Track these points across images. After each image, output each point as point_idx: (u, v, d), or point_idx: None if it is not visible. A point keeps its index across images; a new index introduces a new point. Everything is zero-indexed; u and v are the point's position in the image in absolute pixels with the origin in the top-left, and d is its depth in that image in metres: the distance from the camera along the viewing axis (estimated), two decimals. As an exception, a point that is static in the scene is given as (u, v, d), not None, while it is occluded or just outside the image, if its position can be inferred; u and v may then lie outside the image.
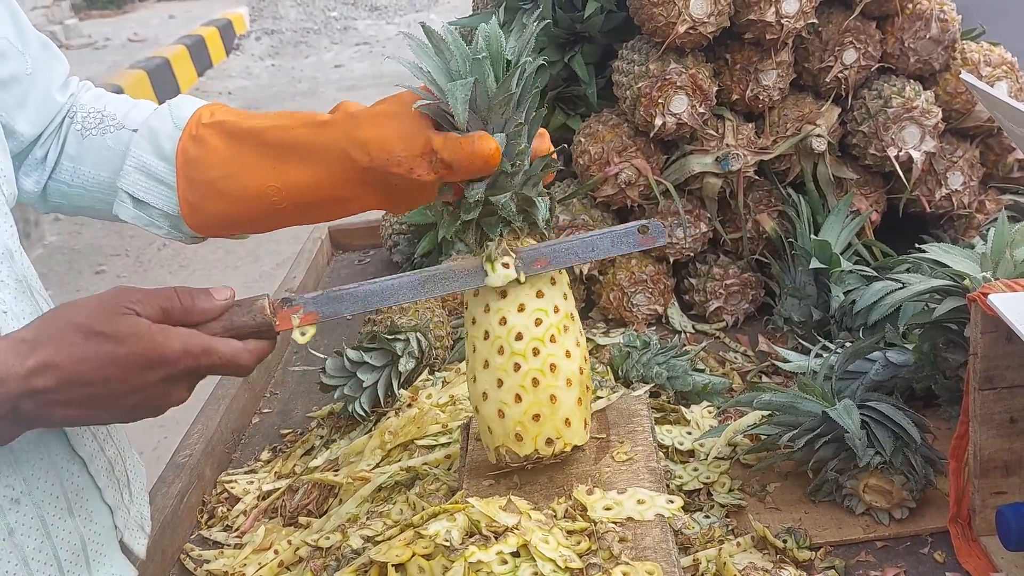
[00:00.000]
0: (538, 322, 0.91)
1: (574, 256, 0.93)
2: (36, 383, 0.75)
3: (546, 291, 0.92)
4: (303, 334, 0.89)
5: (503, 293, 0.91)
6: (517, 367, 0.90)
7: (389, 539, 0.87)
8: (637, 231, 0.94)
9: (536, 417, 0.90)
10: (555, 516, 0.86)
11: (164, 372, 0.80)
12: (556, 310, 0.92)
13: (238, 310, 0.86)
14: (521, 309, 0.91)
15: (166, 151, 1.00)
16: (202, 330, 0.84)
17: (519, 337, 0.90)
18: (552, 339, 0.91)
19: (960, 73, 1.54)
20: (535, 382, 0.90)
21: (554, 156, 0.95)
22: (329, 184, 0.94)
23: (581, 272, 1.57)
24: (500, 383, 0.90)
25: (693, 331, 1.58)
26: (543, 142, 0.96)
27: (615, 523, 0.86)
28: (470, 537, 0.83)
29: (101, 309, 0.80)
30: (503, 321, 0.91)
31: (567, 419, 0.91)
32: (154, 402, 0.82)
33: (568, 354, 0.92)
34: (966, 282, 1.06)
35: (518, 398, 0.90)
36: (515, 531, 0.81)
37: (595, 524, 0.86)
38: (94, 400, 0.79)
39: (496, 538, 0.81)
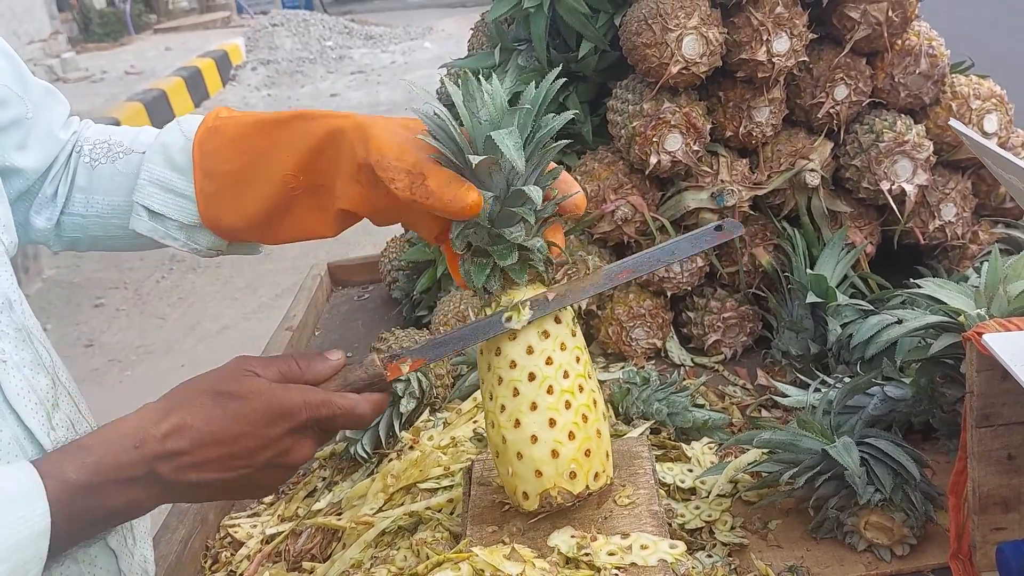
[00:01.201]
0: (578, 359, 0.95)
1: (656, 261, 1.00)
2: (171, 445, 0.81)
3: (576, 330, 0.96)
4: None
5: (546, 333, 0.94)
6: (568, 404, 0.92)
7: (394, 588, 0.87)
8: (714, 228, 0.99)
9: (587, 453, 0.93)
10: (559, 564, 0.87)
11: (288, 425, 0.85)
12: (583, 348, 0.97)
13: (350, 368, 0.93)
14: (563, 348, 0.94)
15: (179, 163, 1.02)
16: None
17: (566, 375, 0.93)
18: (589, 376, 0.95)
19: (950, 106, 1.57)
20: (584, 418, 0.93)
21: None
22: (335, 168, 0.96)
23: (580, 307, 1.59)
24: (552, 423, 0.92)
25: (692, 364, 1.59)
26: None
27: (619, 569, 0.87)
28: (475, 586, 0.84)
29: (225, 374, 0.87)
30: (549, 361, 0.93)
31: (607, 451, 0.96)
32: (283, 458, 0.87)
33: (599, 386, 0.98)
34: (961, 319, 1.08)
35: (571, 435, 0.92)
36: (519, 580, 0.82)
37: (599, 571, 0.86)
38: (228, 459, 0.84)
39: (501, 587, 0.82)
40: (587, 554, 0.88)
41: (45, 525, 0.74)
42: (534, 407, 0.92)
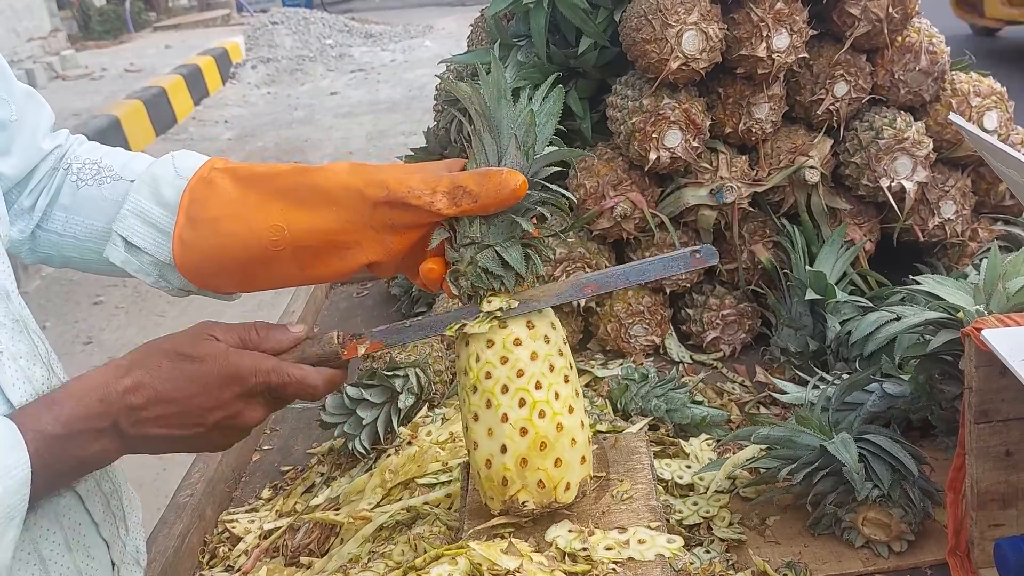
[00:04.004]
0: (552, 367, 0.94)
1: (624, 280, 0.98)
2: (131, 400, 0.85)
3: (551, 334, 0.96)
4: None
5: (518, 341, 0.93)
6: (542, 414, 0.91)
7: (391, 582, 0.87)
8: (689, 254, 0.97)
9: (557, 462, 0.92)
10: (556, 558, 0.87)
11: (239, 389, 0.89)
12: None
13: (309, 342, 0.95)
14: (534, 357, 0.94)
15: (166, 198, 1.01)
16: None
17: (538, 385, 0.92)
18: (567, 379, 0.95)
19: (951, 104, 1.57)
20: (559, 427, 0.93)
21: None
22: (335, 226, 0.95)
23: (579, 304, 1.58)
24: (524, 432, 0.91)
25: (691, 361, 1.59)
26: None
27: (616, 563, 0.87)
28: (472, 580, 0.83)
29: (185, 336, 0.90)
30: (521, 373, 0.92)
31: (584, 456, 0.95)
32: (234, 420, 0.90)
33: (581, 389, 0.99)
34: (960, 315, 1.07)
35: (543, 446, 0.91)
36: (517, 574, 0.81)
37: (596, 565, 0.86)
38: (181, 417, 0.87)
39: (498, 581, 0.82)
40: (585, 549, 0.88)
41: (27, 474, 0.78)
42: (505, 418, 0.91)
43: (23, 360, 0.91)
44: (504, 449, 0.91)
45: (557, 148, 1.03)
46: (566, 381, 0.94)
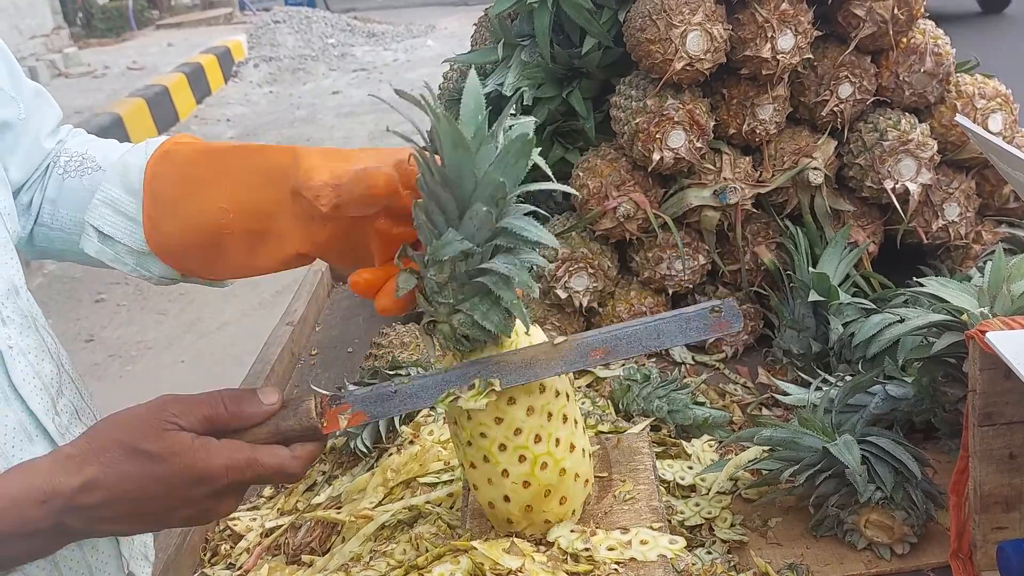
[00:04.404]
0: (550, 416, 0.89)
1: (639, 345, 0.86)
2: (82, 500, 0.77)
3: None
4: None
5: (512, 399, 0.87)
6: (544, 466, 0.89)
7: (393, 581, 0.87)
8: (709, 312, 0.85)
9: (563, 500, 0.92)
10: (558, 558, 0.87)
11: (208, 488, 0.81)
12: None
13: (284, 413, 0.85)
14: (531, 411, 0.88)
15: (135, 185, 0.98)
16: (246, 436, 0.84)
17: (538, 439, 0.88)
18: (566, 417, 0.91)
19: (955, 106, 1.56)
20: (562, 471, 0.90)
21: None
22: (269, 208, 0.91)
23: (580, 304, 1.58)
24: (527, 484, 0.89)
25: (693, 362, 1.59)
26: None
27: (618, 564, 0.86)
28: (474, 580, 0.83)
29: (144, 425, 0.80)
30: (518, 431, 0.87)
31: (587, 479, 0.94)
32: (204, 516, 0.83)
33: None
34: (964, 317, 1.07)
35: (547, 493, 0.90)
36: (519, 574, 0.81)
37: (598, 565, 0.86)
38: (141, 516, 0.81)
39: (500, 580, 0.82)
40: (587, 549, 0.88)
41: None
42: (506, 474, 0.88)
43: (32, 355, 0.91)
44: (507, 499, 0.88)
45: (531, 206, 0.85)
46: (565, 420, 0.89)
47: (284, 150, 0.92)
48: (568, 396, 0.91)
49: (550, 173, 0.83)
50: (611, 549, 0.88)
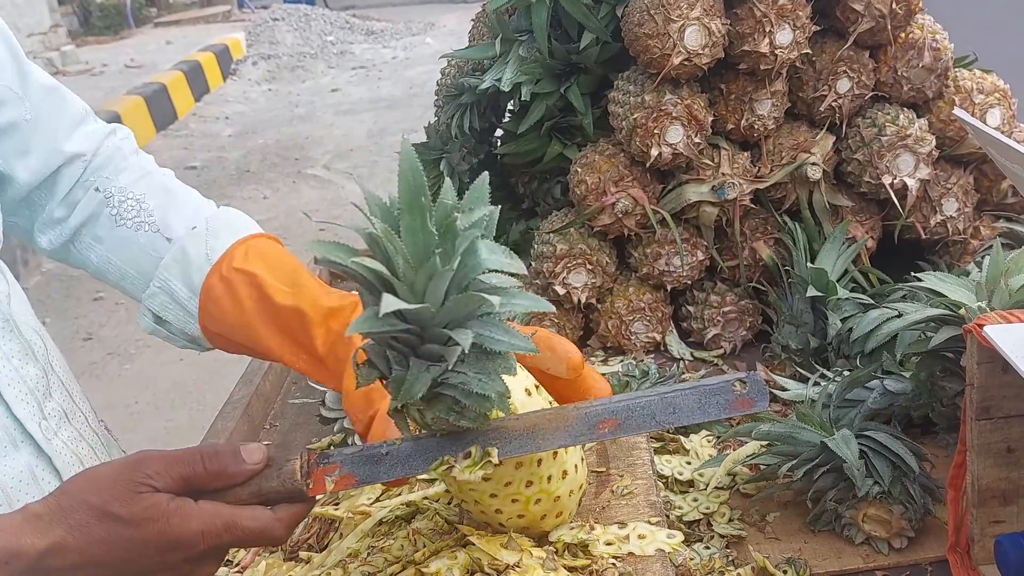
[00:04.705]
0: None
1: (652, 420, 0.78)
2: (49, 563, 0.73)
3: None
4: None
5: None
6: (565, 474, 0.87)
7: (391, 576, 0.87)
8: (732, 385, 0.77)
9: (559, 515, 0.90)
10: (556, 552, 0.86)
11: (184, 554, 0.76)
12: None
13: (268, 473, 0.79)
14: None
15: (194, 282, 1.00)
16: (227, 496, 0.78)
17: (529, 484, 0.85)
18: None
19: (953, 101, 1.56)
20: (556, 499, 0.88)
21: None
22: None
23: (579, 301, 1.58)
24: (558, 499, 0.87)
25: (692, 358, 1.59)
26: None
27: (616, 559, 0.86)
28: (472, 575, 0.83)
29: (117, 487, 0.75)
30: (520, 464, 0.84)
31: (582, 486, 0.93)
32: None
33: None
34: (962, 311, 1.07)
35: (546, 515, 0.89)
36: (516, 569, 0.81)
37: (596, 560, 0.86)
38: None
39: (498, 575, 0.82)
40: (585, 544, 0.88)
41: None
42: (499, 512, 0.85)
43: (15, 359, 0.91)
44: (502, 525, 0.86)
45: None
46: (555, 456, 0.84)
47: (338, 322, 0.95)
48: None
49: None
50: (609, 544, 0.88)
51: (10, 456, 0.91)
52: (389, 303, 0.66)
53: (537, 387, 0.85)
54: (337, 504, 1.21)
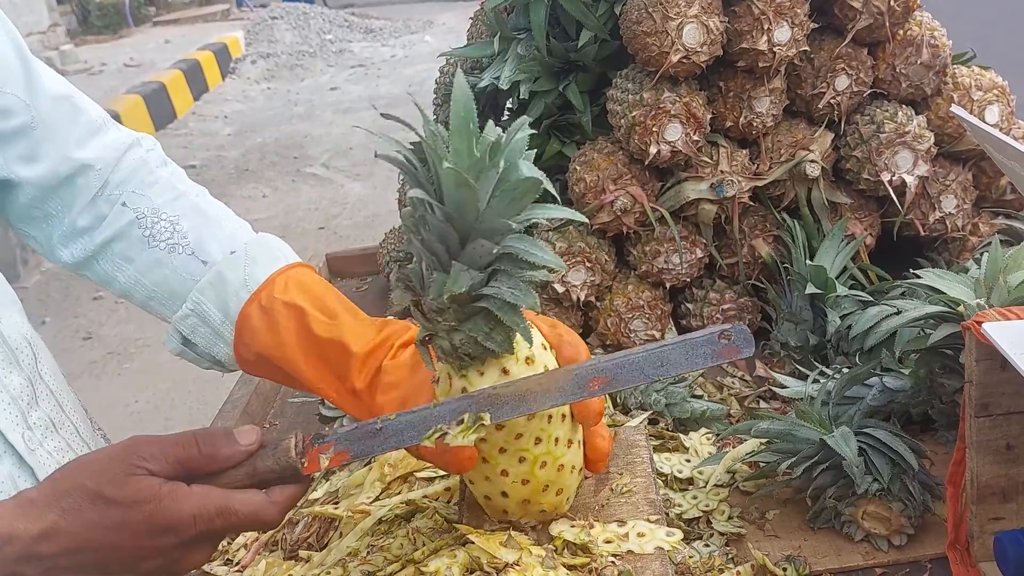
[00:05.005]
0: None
1: (640, 374, 0.81)
2: (42, 548, 0.72)
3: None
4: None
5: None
6: (569, 443, 0.90)
7: (390, 575, 0.87)
8: (718, 336, 0.81)
9: (581, 469, 0.93)
10: (556, 551, 0.87)
11: (175, 539, 0.76)
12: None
13: (262, 453, 0.80)
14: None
15: (230, 308, 1.00)
16: (222, 479, 0.79)
17: (564, 416, 0.88)
18: (550, 418, 0.89)
19: (952, 97, 1.56)
20: (560, 468, 0.91)
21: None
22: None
23: (578, 298, 1.58)
24: (561, 468, 0.89)
25: (691, 356, 1.59)
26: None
27: (615, 556, 0.86)
28: (471, 573, 0.83)
29: (111, 470, 0.75)
30: (519, 436, 0.86)
31: (580, 468, 0.94)
32: (173, 567, 0.78)
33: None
34: (961, 308, 1.07)
35: (545, 488, 0.90)
36: (516, 567, 0.81)
37: (595, 558, 0.86)
38: (104, 565, 0.75)
39: (497, 574, 0.82)
40: (587, 541, 0.88)
41: None
42: (505, 473, 0.87)
43: (6, 369, 0.91)
44: (505, 495, 0.88)
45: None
46: (564, 418, 0.87)
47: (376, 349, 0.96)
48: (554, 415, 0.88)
49: (557, 197, 0.80)
50: (608, 542, 0.88)
51: None
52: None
53: (547, 347, 0.87)
54: (337, 503, 1.21)
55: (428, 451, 0.84)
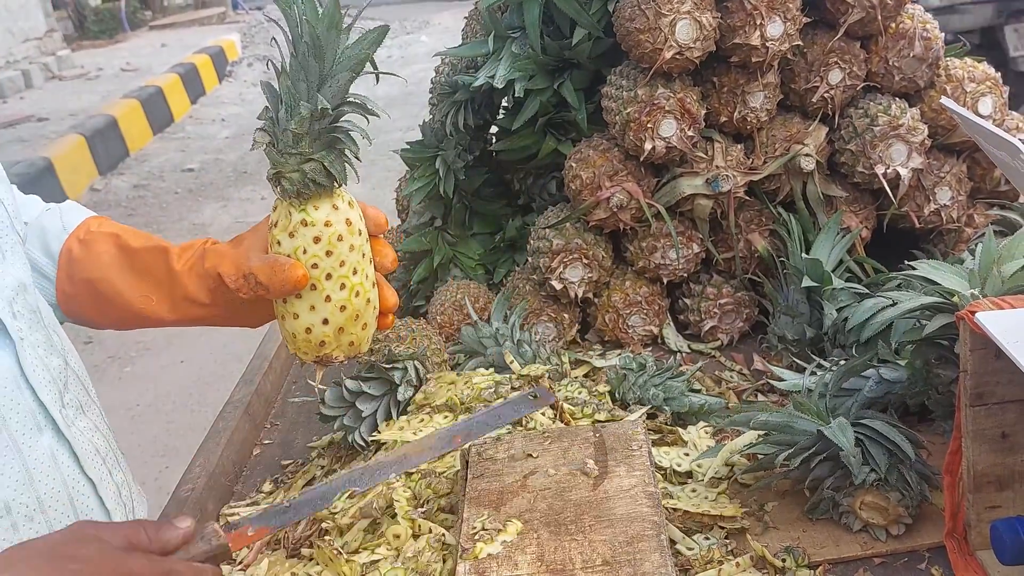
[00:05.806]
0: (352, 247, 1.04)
1: (486, 427, 1.11)
2: None
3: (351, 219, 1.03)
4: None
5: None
6: (370, 279, 1.06)
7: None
8: (531, 397, 1.16)
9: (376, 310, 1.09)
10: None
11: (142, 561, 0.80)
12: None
13: (195, 540, 0.89)
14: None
15: (52, 249, 1.12)
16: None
17: (364, 255, 1.04)
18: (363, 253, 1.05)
19: (945, 90, 1.57)
20: (367, 300, 1.07)
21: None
22: (189, 304, 1.09)
23: (576, 295, 1.59)
24: (368, 300, 1.04)
25: (689, 351, 1.59)
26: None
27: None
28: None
29: (66, 537, 0.79)
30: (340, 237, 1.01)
31: (376, 308, 1.09)
32: None
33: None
34: (955, 299, 1.08)
35: (374, 308, 1.07)
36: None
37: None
38: None
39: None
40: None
41: None
42: (328, 299, 1.01)
43: (40, 349, 0.98)
44: (325, 322, 1.02)
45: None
46: (363, 256, 1.03)
47: (190, 256, 1.09)
48: (362, 233, 1.04)
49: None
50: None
51: (35, 439, 0.95)
52: None
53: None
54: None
55: (261, 270, 0.98)
